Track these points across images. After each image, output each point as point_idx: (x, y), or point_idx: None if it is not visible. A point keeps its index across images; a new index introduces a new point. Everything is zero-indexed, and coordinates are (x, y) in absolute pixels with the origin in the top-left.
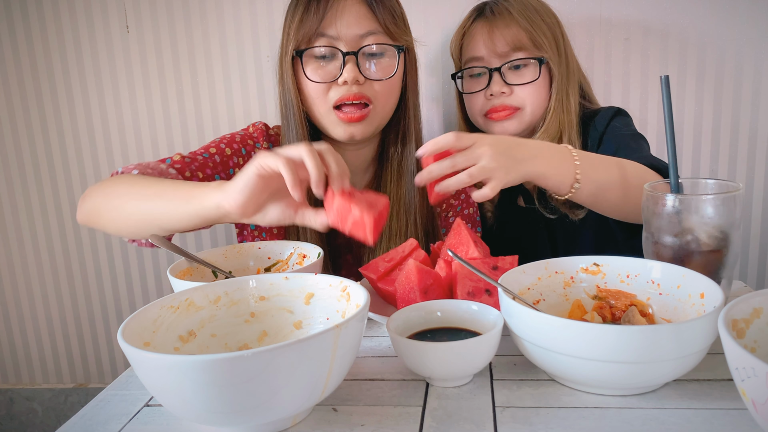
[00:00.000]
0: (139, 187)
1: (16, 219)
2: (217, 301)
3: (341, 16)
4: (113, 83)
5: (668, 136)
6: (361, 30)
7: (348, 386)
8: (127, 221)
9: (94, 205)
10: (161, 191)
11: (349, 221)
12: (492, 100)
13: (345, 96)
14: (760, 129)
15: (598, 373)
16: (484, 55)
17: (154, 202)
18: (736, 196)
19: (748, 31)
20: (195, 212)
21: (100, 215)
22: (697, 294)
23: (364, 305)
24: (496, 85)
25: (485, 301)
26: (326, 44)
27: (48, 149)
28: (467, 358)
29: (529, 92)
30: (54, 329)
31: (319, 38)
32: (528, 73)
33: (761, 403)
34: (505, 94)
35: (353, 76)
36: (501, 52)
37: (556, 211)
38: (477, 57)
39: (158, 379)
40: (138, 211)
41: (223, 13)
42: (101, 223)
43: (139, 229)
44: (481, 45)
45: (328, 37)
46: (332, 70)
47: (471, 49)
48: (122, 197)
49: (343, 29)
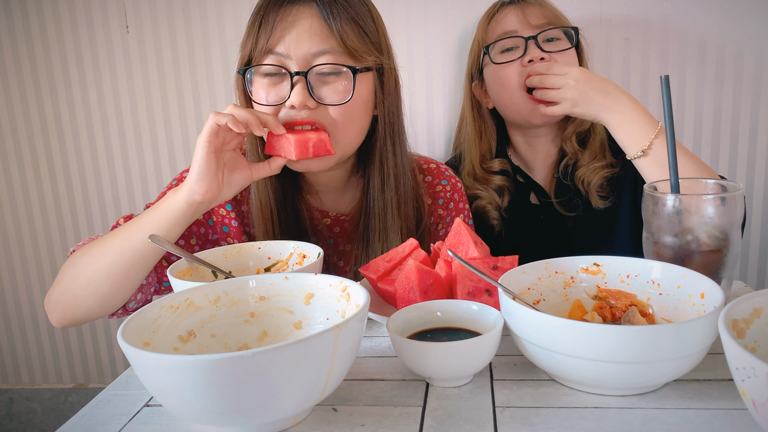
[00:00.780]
0: (107, 240)
1: (16, 219)
2: (217, 301)
3: (291, 32)
4: (113, 83)
5: (668, 136)
6: (312, 48)
7: (348, 386)
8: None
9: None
10: (133, 227)
11: (310, 145)
12: (530, 67)
13: (294, 120)
14: (760, 129)
15: (598, 373)
16: (518, 28)
17: (133, 235)
18: (736, 196)
19: (748, 30)
20: (174, 220)
21: (76, 297)
22: (698, 294)
23: (364, 305)
24: (534, 50)
25: (485, 301)
26: (274, 62)
27: (48, 149)
28: (467, 358)
29: (566, 60)
30: (54, 329)
31: (267, 55)
32: (561, 44)
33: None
34: (545, 60)
35: (301, 100)
36: (536, 24)
37: (575, 208)
38: (509, 31)
39: (158, 379)
40: (122, 251)
41: (222, 13)
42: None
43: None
44: (514, 20)
45: (276, 55)
46: (281, 91)
47: (502, 26)
48: (93, 260)
49: (293, 46)
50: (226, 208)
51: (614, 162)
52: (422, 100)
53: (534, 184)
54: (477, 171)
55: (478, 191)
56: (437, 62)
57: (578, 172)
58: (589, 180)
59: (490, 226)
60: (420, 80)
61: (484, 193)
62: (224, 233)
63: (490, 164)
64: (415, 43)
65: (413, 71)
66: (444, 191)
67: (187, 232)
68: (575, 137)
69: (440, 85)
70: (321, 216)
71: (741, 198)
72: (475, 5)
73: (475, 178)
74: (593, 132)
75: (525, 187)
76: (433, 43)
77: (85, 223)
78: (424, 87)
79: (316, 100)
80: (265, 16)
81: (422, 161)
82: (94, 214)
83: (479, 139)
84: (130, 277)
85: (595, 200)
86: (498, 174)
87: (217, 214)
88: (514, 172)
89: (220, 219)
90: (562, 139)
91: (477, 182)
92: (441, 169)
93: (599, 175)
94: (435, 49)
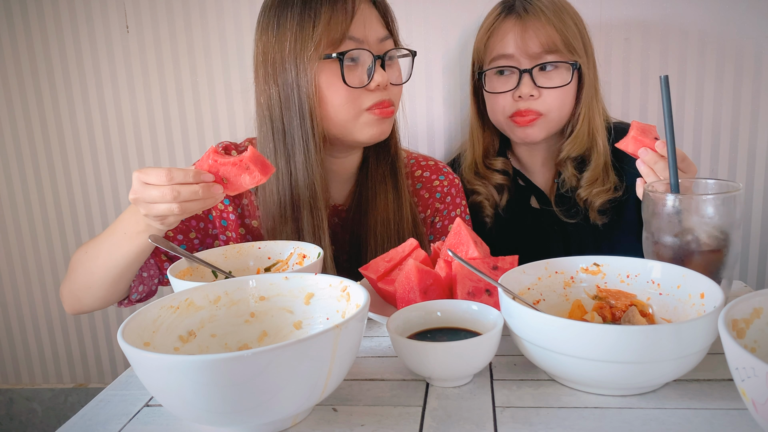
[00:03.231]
0: (95, 252)
1: (16, 219)
2: (217, 301)
3: (365, 20)
4: (113, 83)
5: (668, 136)
6: (380, 34)
7: (348, 386)
8: (105, 284)
9: (69, 293)
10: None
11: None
12: (519, 103)
13: (379, 102)
14: (760, 129)
15: (598, 373)
16: (514, 53)
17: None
18: (736, 196)
19: (748, 31)
20: (147, 245)
21: (79, 298)
22: (698, 294)
23: (364, 305)
24: (525, 87)
25: (485, 301)
26: (356, 47)
27: (48, 149)
28: (467, 358)
29: (556, 97)
30: (54, 329)
31: (347, 41)
32: (557, 77)
33: (761, 403)
34: (534, 97)
35: (386, 79)
36: (533, 53)
37: (576, 215)
38: (506, 55)
39: (158, 379)
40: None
41: (222, 12)
42: (85, 303)
43: (119, 281)
44: (512, 43)
45: (356, 41)
46: (361, 75)
47: (500, 47)
48: (85, 270)
49: (369, 33)
50: (223, 202)
51: (618, 185)
52: (422, 100)
53: (535, 189)
54: (479, 165)
55: (477, 186)
56: (437, 62)
57: (579, 191)
58: (591, 201)
59: (482, 222)
60: (420, 80)
61: (482, 189)
62: (223, 227)
63: (493, 161)
64: (415, 43)
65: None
66: (441, 186)
67: (185, 227)
68: (571, 163)
69: (440, 85)
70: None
71: (741, 198)
72: (476, 5)
73: (476, 172)
74: (595, 153)
75: (525, 190)
76: (433, 44)
77: (85, 223)
78: (424, 87)
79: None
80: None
81: (420, 159)
82: (94, 214)
83: (482, 131)
84: (122, 281)
85: (594, 216)
86: (499, 172)
87: (216, 209)
88: (515, 175)
89: (219, 213)
90: (557, 164)
91: (477, 177)
92: (439, 166)
93: (601, 199)
94: (435, 50)
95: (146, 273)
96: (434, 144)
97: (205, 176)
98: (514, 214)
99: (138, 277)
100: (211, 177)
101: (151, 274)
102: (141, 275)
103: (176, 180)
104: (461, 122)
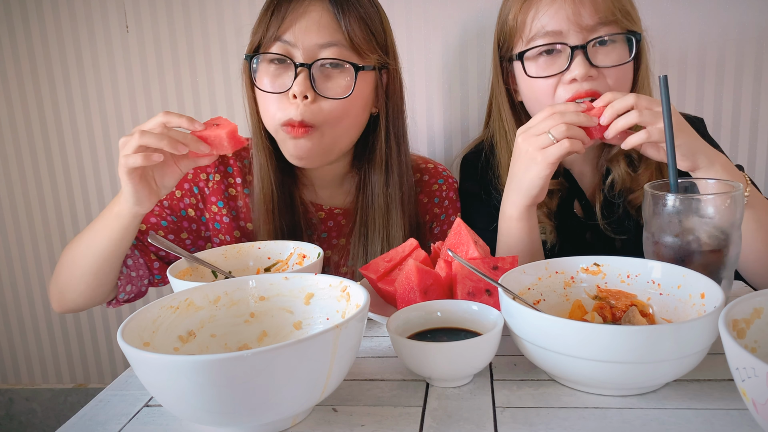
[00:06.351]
0: (74, 251)
1: (16, 219)
2: (217, 301)
3: (300, 21)
4: (113, 83)
5: (668, 136)
6: (319, 39)
7: (348, 386)
8: (84, 281)
9: (55, 291)
10: (87, 241)
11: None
12: (572, 86)
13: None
14: (760, 129)
15: (598, 373)
16: (563, 29)
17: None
18: (736, 196)
19: (748, 31)
20: (125, 231)
21: (63, 294)
22: (698, 294)
23: (364, 305)
24: (581, 67)
25: (485, 301)
26: (281, 51)
27: (48, 149)
28: (467, 358)
29: (617, 77)
30: (54, 329)
31: (275, 43)
32: (615, 53)
33: (761, 403)
34: (592, 77)
35: (301, 90)
36: (586, 25)
37: (626, 231)
38: (552, 31)
39: (158, 380)
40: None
41: (222, 13)
42: (70, 299)
43: (99, 277)
44: (561, 15)
45: (283, 42)
46: (285, 81)
47: (544, 21)
48: (67, 269)
49: (301, 35)
50: (217, 205)
51: None
52: (422, 100)
53: (578, 191)
54: None
55: None
56: (437, 62)
57: (631, 195)
58: None
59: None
60: (420, 80)
61: None
62: (216, 230)
63: None
64: (415, 43)
65: (413, 71)
66: (440, 190)
67: (177, 228)
68: (624, 160)
69: (440, 85)
70: (315, 209)
71: (741, 198)
72: (476, 5)
73: None
74: None
75: (569, 192)
76: (433, 43)
77: (85, 223)
78: (424, 87)
79: (316, 92)
80: (278, 5)
81: (420, 161)
82: (94, 214)
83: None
84: (105, 272)
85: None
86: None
87: (210, 211)
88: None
89: (212, 216)
90: (608, 161)
91: None
92: (438, 169)
93: None
94: (435, 49)
95: (135, 273)
96: (434, 144)
97: (197, 124)
98: (559, 220)
99: (126, 277)
100: (201, 125)
101: (140, 275)
102: (129, 275)
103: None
104: (461, 122)
